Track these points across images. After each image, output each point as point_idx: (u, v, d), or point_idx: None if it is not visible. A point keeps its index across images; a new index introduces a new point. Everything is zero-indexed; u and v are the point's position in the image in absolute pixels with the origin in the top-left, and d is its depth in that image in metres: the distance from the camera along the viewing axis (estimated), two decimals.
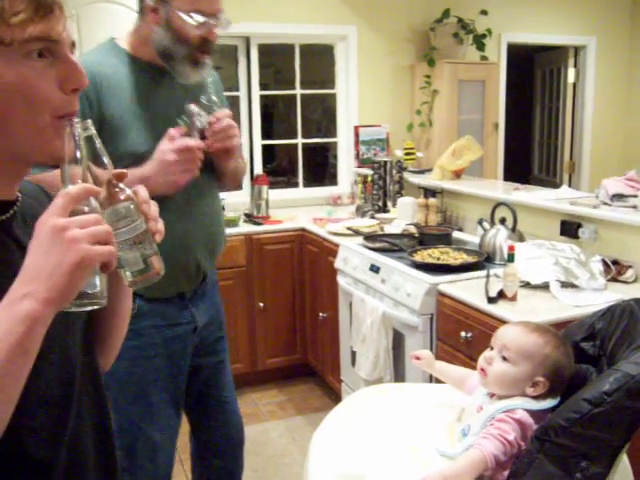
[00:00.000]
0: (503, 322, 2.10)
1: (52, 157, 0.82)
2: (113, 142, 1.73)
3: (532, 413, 1.35)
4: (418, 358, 1.71)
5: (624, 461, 1.42)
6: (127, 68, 1.80)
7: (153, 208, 0.91)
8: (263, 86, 4.62)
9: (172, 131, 1.72)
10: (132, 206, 0.87)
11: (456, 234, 3.26)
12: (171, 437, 2.00)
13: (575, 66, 5.73)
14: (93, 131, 0.85)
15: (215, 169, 1.95)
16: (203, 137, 1.80)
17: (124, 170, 0.86)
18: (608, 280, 2.43)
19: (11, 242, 0.84)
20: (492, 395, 1.46)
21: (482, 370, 1.47)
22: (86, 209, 0.79)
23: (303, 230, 3.87)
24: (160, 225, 0.91)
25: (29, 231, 0.77)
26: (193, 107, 1.79)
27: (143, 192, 0.90)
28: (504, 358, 1.43)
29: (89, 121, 0.84)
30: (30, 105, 0.78)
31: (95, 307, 0.82)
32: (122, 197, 0.86)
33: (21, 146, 0.80)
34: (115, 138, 1.74)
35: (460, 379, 1.63)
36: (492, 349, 1.47)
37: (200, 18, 1.71)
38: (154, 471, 1.95)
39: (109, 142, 1.75)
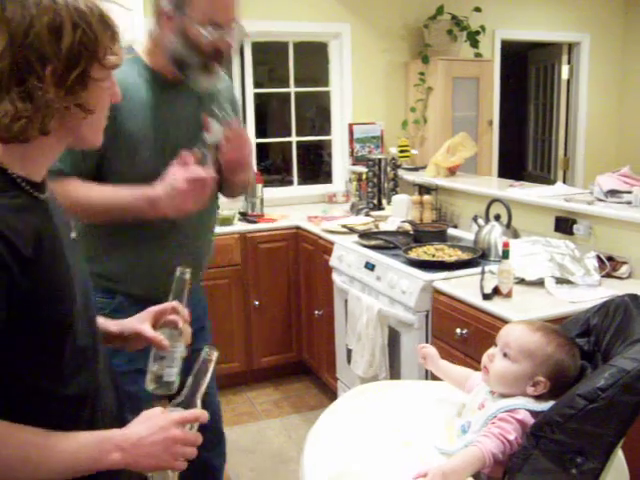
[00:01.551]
0: (498, 319, 2.10)
1: (93, 144, 1.08)
2: (126, 158, 1.74)
3: (534, 414, 1.35)
4: (424, 358, 1.70)
5: (619, 456, 1.42)
6: (145, 81, 1.78)
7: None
8: (257, 84, 4.61)
9: (186, 157, 1.67)
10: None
11: (451, 231, 3.26)
12: None
13: (569, 63, 5.74)
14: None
15: (225, 181, 1.92)
16: (217, 149, 1.79)
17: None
18: (603, 276, 2.43)
19: (50, 221, 1.02)
20: (494, 393, 1.45)
21: (485, 368, 1.47)
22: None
23: (298, 228, 3.87)
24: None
25: (58, 211, 1.07)
26: (210, 122, 1.78)
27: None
28: (505, 355, 1.43)
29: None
30: (103, 112, 1.05)
31: None
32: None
33: (83, 139, 1.05)
34: (128, 154, 1.74)
35: (461, 378, 1.63)
36: (496, 346, 1.47)
37: (214, 32, 1.69)
38: None
39: (121, 157, 1.74)
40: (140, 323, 1.31)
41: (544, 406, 1.35)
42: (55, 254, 0.98)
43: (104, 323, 1.31)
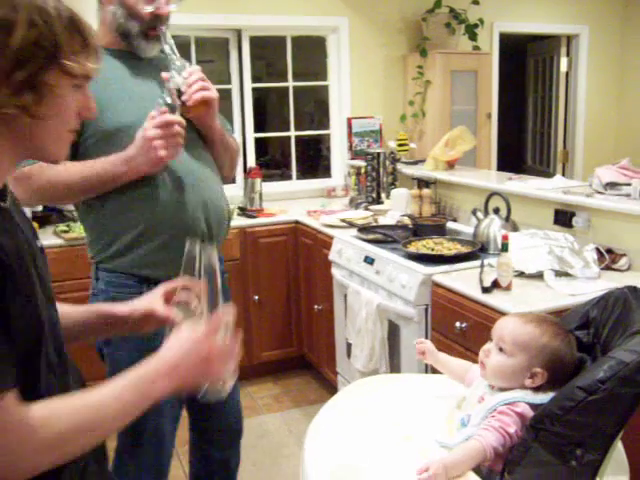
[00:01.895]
0: (498, 312, 2.10)
1: (54, 160, 1.03)
2: (99, 117, 1.74)
3: (534, 406, 1.35)
4: (423, 353, 1.70)
5: (619, 448, 1.43)
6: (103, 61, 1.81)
7: None
8: (255, 79, 4.60)
9: (152, 112, 1.75)
10: None
11: (450, 224, 3.26)
12: (174, 427, 2.01)
13: (568, 55, 5.73)
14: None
15: (204, 137, 1.97)
16: (183, 103, 1.82)
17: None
18: (602, 268, 2.43)
19: (17, 228, 0.97)
20: (494, 386, 1.46)
21: (482, 363, 1.47)
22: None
23: (297, 223, 3.86)
24: None
25: (20, 216, 1.01)
26: (165, 74, 1.82)
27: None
28: (501, 350, 1.43)
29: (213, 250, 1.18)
30: (62, 122, 0.98)
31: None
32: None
33: (40, 149, 0.99)
34: (100, 114, 1.74)
35: (461, 371, 1.63)
36: (491, 341, 1.47)
37: None
38: (157, 460, 1.97)
39: (105, 143, 1.77)
40: (151, 302, 1.27)
41: (543, 398, 1.36)
42: (19, 264, 0.92)
43: (110, 307, 1.28)
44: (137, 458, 1.92)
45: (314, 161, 5.63)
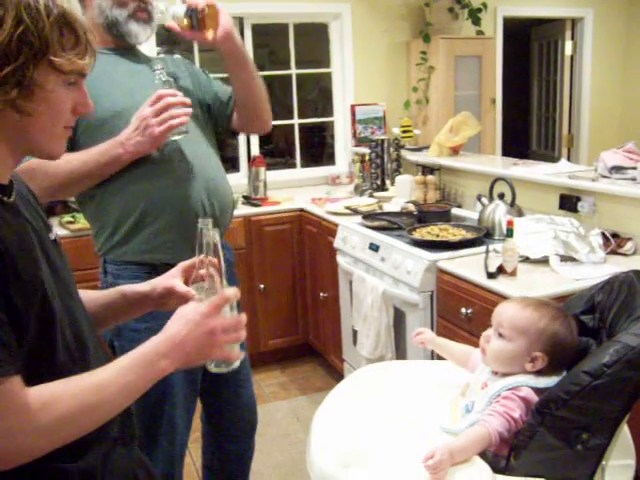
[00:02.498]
0: (503, 297, 2.10)
1: (51, 156, 1.03)
2: (106, 136, 1.77)
3: (537, 391, 1.36)
4: (422, 343, 1.71)
5: (625, 432, 1.43)
6: (106, 63, 1.84)
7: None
8: (258, 67, 4.54)
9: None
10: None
11: (455, 210, 3.25)
12: (189, 418, 2.01)
13: (572, 38, 5.68)
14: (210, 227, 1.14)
15: (230, 77, 2.01)
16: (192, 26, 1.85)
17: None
18: (608, 253, 2.42)
19: (26, 222, 0.99)
20: (496, 372, 1.46)
21: (483, 349, 1.47)
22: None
23: (302, 210, 3.86)
24: None
25: (30, 210, 1.03)
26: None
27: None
28: (500, 335, 1.44)
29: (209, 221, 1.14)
30: (54, 118, 0.99)
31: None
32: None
33: (34, 144, 0.99)
34: (105, 132, 1.78)
35: (463, 356, 1.64)
36: (492, 327, 1.48)
37: None
38: (171, 451, 1.97)
39: (101, 135, 1.78)
40: (170, 279, 1.28)
41: (546, 382, 1.36)
42: (22, 256, 0.93)
43: (131, 286, 1.29)
44: (151, 449, 1.93)
45: (318, 149, 5.62)
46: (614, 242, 2.48)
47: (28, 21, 0.89)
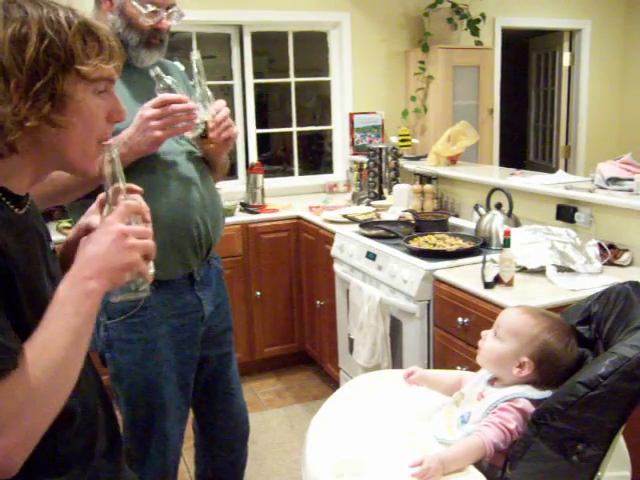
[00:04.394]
0: (500, 307, 2.10)
1: (86, 173, 1.03)
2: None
3: (534, 402, 1.36)
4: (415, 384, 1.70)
5: (620, 443, 1.43)
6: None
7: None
8: (257, 74, 4.59)
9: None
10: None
11: (452, 220, 3.26)
12: (181, 429, 2.00)
13: (570, 50, 5.71)
14: (116, 154, 1.04)
15: (210, 163, 1.97)
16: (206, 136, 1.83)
17: (138, 188, 1.10)
18: (604, 264, 2.43)
19: (35, 234, 1.01)
20: (493, 382, 1.46)
21: (479, 348, 1.49)
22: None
23: (299, 218, 3.87)
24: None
25: (40, 221, 1.05)
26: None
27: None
28: (496, 335, 1.46)
29: (114, 147, 1.04)
30: (89, 129, 0.99)
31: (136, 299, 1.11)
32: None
33: (68, 160, 1.00)
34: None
35: (456, 381, 1.60)
36: None
37: (152, 7, 1.77)
38: (163, 462, 1.96)
39: None
40: (90, 215, 1.22)
41: (544, 394, 1.36)
42: (26, 266, 0.93)
43: (68, 237, 1.25)
44: (143, 461, 1.91)
45: (316, 157, 5.63)
46: (611, 253, 2.49)
47: (52, 34, 0.91)
